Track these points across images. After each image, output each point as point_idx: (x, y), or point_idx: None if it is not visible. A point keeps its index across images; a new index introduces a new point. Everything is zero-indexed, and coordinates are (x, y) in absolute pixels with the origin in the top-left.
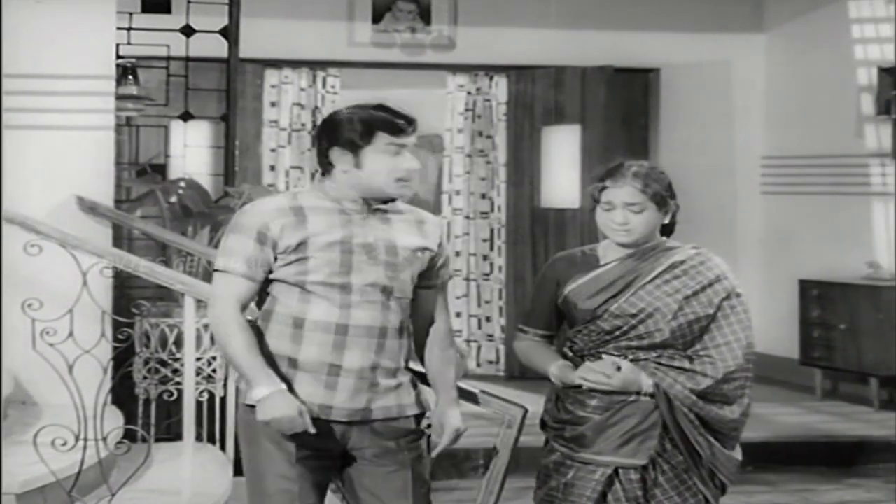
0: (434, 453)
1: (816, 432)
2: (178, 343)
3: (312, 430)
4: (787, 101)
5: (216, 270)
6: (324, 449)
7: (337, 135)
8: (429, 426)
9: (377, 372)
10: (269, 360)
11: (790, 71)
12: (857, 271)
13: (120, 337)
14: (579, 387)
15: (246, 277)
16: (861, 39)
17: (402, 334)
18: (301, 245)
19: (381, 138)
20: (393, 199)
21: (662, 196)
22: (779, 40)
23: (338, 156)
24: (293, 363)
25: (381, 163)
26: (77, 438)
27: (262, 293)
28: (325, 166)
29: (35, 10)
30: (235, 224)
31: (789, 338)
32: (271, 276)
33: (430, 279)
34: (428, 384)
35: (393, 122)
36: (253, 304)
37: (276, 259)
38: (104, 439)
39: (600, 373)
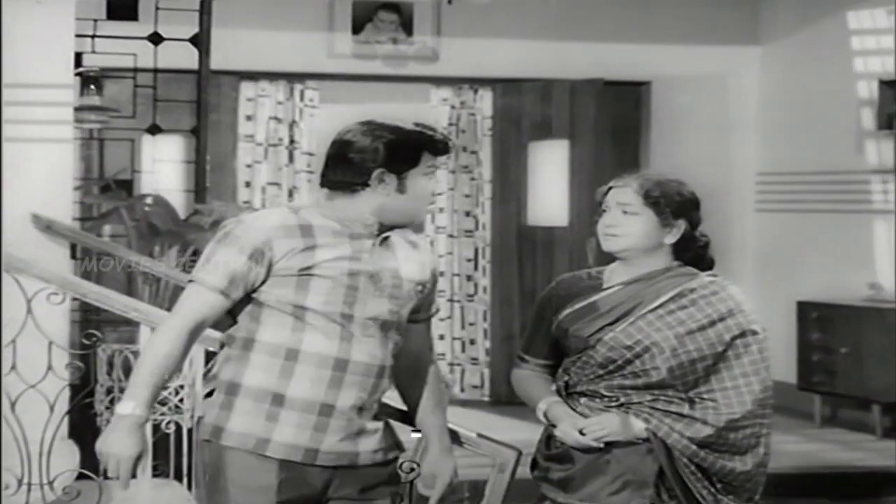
0: None
1: (819, 462)
2: None
3: (125, 489)
4: (783, 116)
5: (190, 281)
6: (304, 497)
7: (382, 155)
8: (411, 470)
9: (365, 413)
10: (250, 394)
11: (787, 84)
12: (859, 293)
13: (68, 370)
14: None
15: (222, 294)
16: (861, 51)
17: (390, 373)
18: (305, 269)
19: (425, 159)
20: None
21: (662, 204)
22: (775, 52)
23: (379, 177)
24: (279, 400)
25: (422, 187)
26: (20, 483)
27: (234, 317)
28: (348, 187)
29: None
30: (228, 235)
31: (787, 362)
32: (258, 298)
33: (420, 311)
34: (409, 423)
35: (436, 142)
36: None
37: (266, 280)
38: (51, 483)
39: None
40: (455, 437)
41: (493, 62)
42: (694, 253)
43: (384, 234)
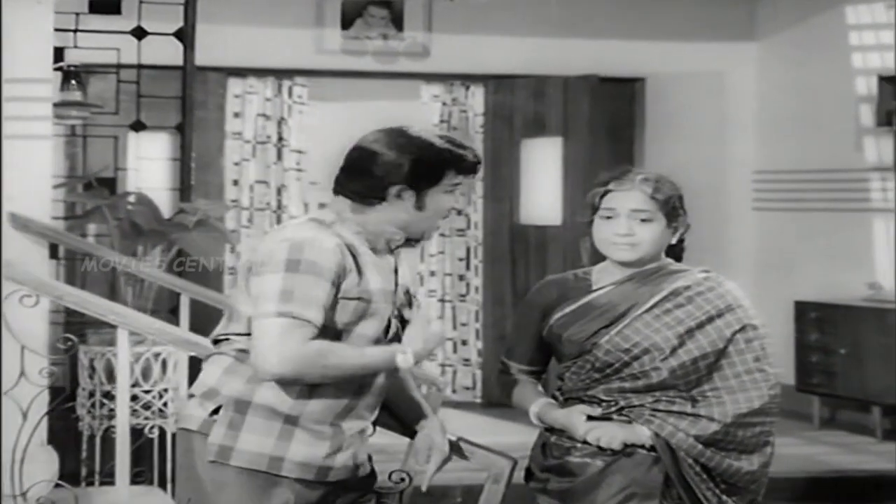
0: (424, 484)
1: (817, 465)
2: None
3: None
4: (781, 113)
5: (283, 315)
6: None
7: (404, 171)
8: (401, 480)
9: (368, 428)
10: (261, 412)
11: (784, 81)
12: (858, 292)
13: (42, 376)
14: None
15: (317, 329)
16: (860, 47)
17: None
18: (362, 296)
19: (449, 178)
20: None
21: (674, 207)
22: (772, 48)
23: (398, 193)
24: (292, 420)
25: (441, 203)
26: None
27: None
28: (365, 198)
29: None
30: (299, 262)
31: (785, 363)
32: None
33: None
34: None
35: (465, 161)
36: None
37: (334, 305)
38: (24, 494)
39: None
40: (455, 449)
41: (485, 58)
42: (678, 248)
43: (397, 251)
